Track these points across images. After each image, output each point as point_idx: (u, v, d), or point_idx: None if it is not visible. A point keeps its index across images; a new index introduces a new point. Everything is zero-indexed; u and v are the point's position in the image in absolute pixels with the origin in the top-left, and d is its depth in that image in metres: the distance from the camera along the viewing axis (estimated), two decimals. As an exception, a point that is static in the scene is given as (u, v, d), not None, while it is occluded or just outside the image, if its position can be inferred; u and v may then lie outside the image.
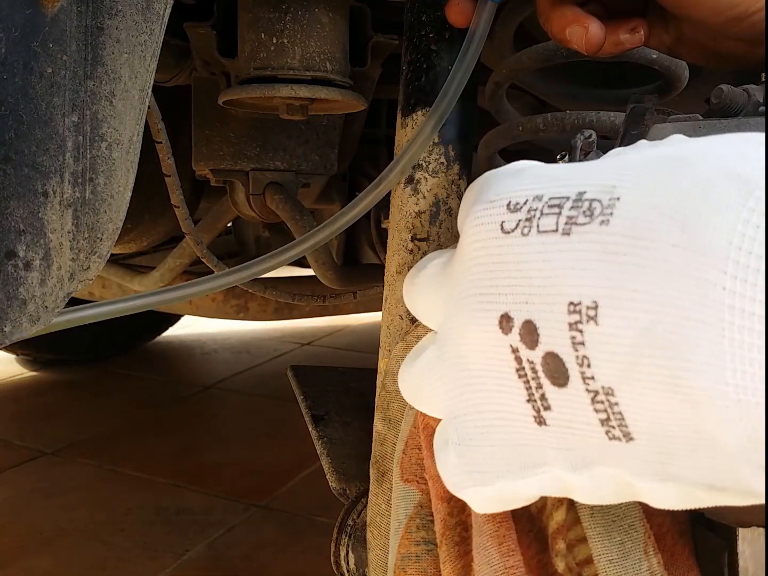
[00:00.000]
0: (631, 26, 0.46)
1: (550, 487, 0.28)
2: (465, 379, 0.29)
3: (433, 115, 0.46)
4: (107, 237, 0.40)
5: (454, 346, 0.29)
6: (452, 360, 0.29)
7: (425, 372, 0.32)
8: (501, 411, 0.28)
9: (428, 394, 0.32)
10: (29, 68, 0.35)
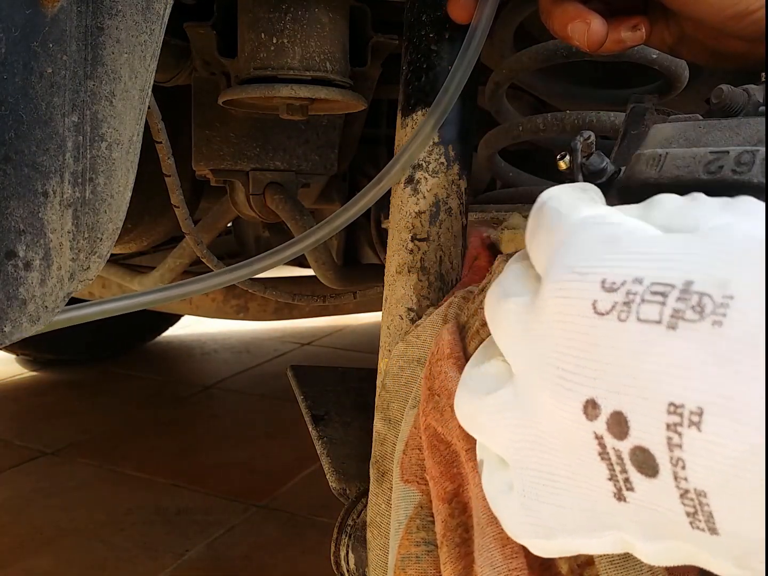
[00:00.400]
0: (633, 23, 0.45)
1: (616, 547, 0.28)
2: (540, 439, 0.28)
3: (434, 112, 0.46)
4: (107, 237, 0.40)
5: (532, 406, 0.28)
6: (528, 417, 0.28)
7: (495, 413, 0.30)
8: (576, 480, 0.27)
9: (493, 434, 0.31)
10: (29, 68, 0.35)
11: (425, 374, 0.42)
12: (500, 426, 0.30)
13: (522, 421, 0.29)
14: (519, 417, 0.29)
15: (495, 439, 0.31)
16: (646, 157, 0.37)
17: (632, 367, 0.24)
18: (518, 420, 0.29)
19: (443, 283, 0.50)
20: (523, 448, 0.29)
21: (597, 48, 0.45)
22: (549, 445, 0.28)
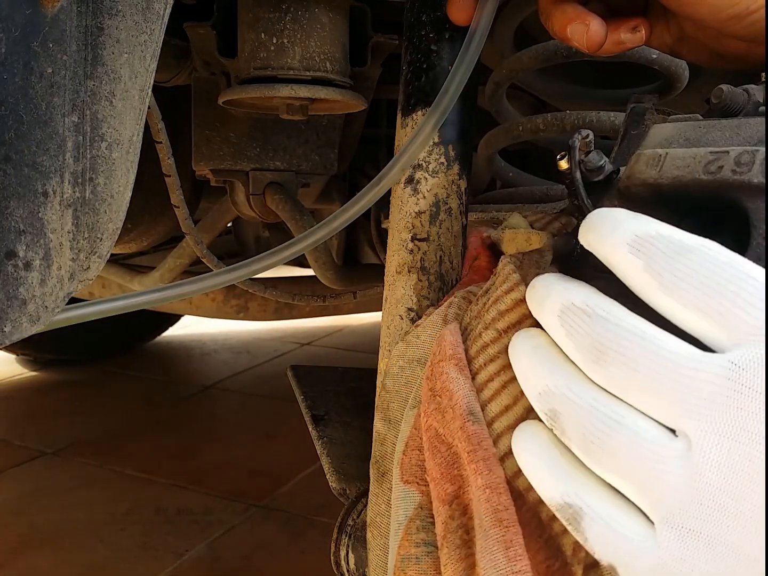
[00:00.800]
0: (633, 25, 0.45)
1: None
2: (719, 504, 0.28)
3: (434, 112, 0.46)
4: (107, 237, 0.40)
5: (720, 473, 0.28)
6: (710, 480, 0.28)
7: (655, 461, 0.29)
8: (742, 552, 0.27)
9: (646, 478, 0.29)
10: (29, 68, 0.35)
11: (426, 375, 0.42)
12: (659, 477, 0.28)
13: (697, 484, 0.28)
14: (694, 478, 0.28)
15: (645, 486, 0.29)
16: (646, 157, 0.37)
17: None
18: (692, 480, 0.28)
19: (443, 283, 0.50)
20: (689, 508, 0.28)
21: (596, 49, 0.45)
22: (726, 514, 0.27)
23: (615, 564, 0.30)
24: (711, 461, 0.27)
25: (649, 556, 0.28)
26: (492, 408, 0.39)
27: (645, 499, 0.29)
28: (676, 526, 0.28)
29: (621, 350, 0.29)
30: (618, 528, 0.29)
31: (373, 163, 1.18)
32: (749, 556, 0.27)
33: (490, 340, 0.41)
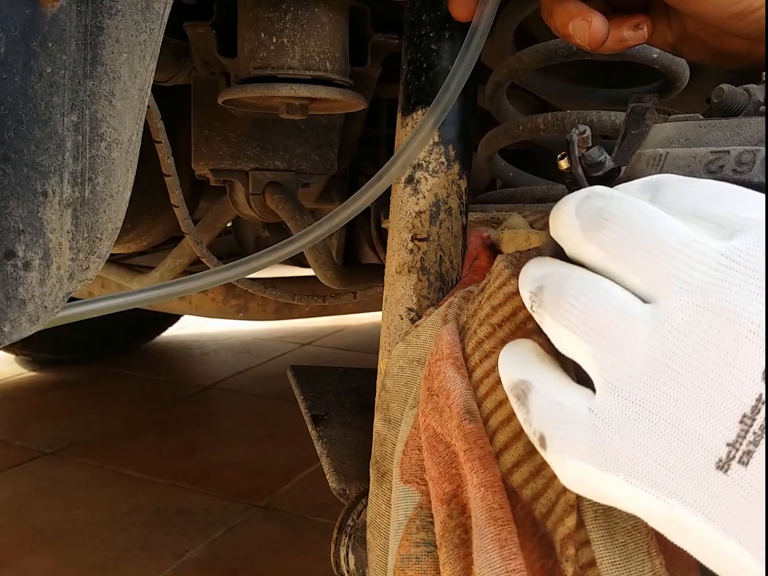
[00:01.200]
0: (635, 22, 0.45)
1: (662, 519, 0.27)
2: (674, 375, 0.27)
3: (434, 111, 0.46)
4: (107, 237, 0.40)
5: (682, 341, 0.27)
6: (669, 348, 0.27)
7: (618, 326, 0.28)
8: (686, 430, 0.26)
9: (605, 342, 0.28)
10: (29, 68, 0.35)
11: (425, 374, 0.42)
12: (618, 342, 0.28)
13: (655, 352, 0.27)
14: (653, 345, 0.27)
15: (602, 349, 0.28)
16: (647, 156, 0.37)
17: None
18: (650, 347, 0.27)
19: (443, 283, 0.50)
20: (640, 377, 0.27)
21: (598, 46, 0.44)
22: (678, 387, 0.26)
23: (545, 432, 0.29)
24: (679, 329, 0.27)
25: (583, 424, 0.28)
26: (487, 404, 0.39)
27: (598, 361, 0.28)
28: (622, 393, 0.27)
29: (620, 220, 0.29)
30: (558, 397, 0.30)
31: (373, 163, 1.18)
32: (692, 435, 0.26)
33: (485, 336, 0.41)
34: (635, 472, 0.27)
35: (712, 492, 0.25)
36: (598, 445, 0.28)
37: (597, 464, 0.28)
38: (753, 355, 0.25)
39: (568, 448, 0.29)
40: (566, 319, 0.30)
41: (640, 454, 0.27)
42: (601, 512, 0.35)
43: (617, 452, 0.27)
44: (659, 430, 0.26)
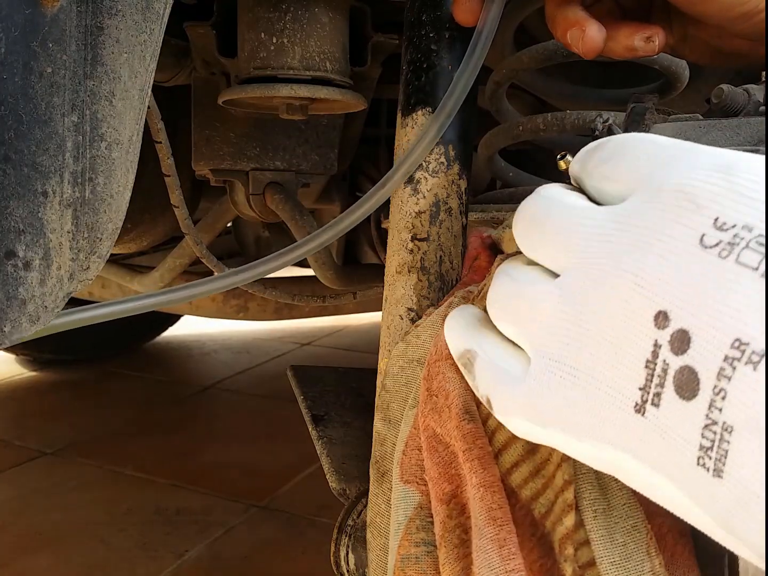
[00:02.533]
0: (647, 34, 0.45)
1: (598, 461, 0.29)
2: (579, 334, 0.29)
3: (439, 116, 0.46)
4: (107, 237, 0.40)
5: (582, 303, 0.29)
6: (574, 311, 0.29)
7: (535, 300, 0.31)
8: (602, 380, 0.28)
9: (525, 319, 0.32)
10: (29, 68, 0.35)
11: (424, 375, 0.42)
12: (535, 314, 0.31)
13: (564, 314, 0.30)
14: (562, 309, 0.30)
15: (524, 324, 0.32)
16: (647, 156, 0.37)
17: (715, 297, 0.25)
18: (560, 312, 0.30)
19: (443, 283, 0.50)
20: (556, 338, 0.30)
21: (593, 55, 0.45)
22: (588, 342, 0.28)
23: (489, 395, 0.33)
24: (581, 292, 0.29)
25: (520, 385, 0.31)
26: None
27: (524, 335, 0.32)
28: (546, 355, 0.30)
29: (527, 215, 0.34)
30: (499, 363, 0.33)
31: (373, 163, 1.18)
32: (609, 383, 0.27)
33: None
34: (568, 424, 0.29)
35: (635, 434, 0.27)
36: (533, 403, 0.31)
37: (534, 421, 0.31)
38: (642, 304, 0.27)
39: (510, 407, 0.32)
40: (497, 316, 0.34)
41: (569, 408, 0.29)
42: (600, 512, 0.35)
43: (549, 408, 0.30)
44: (581, 384, 0.29)
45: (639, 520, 0.35)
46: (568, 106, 0.75)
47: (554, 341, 0.30)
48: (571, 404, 0.29)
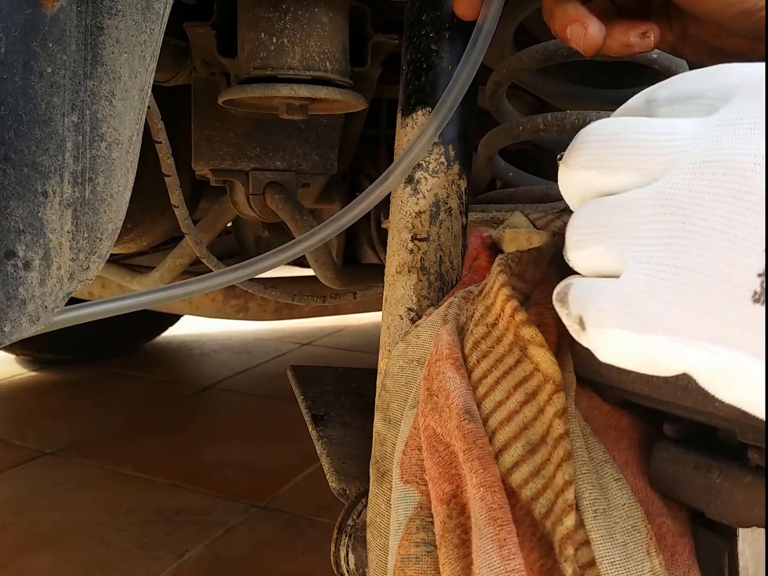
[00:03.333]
0: (643, 30, 0.45)
1: (707, 367, 0.27)
2: (689, 228, 0.27)
3: (440, 111, 0.46)
4: (107, 237, 0.40)
5: (687, 199, 0.27)
6: (678, 209, 0.28)
7: (626, 209, 0.30)
8: (713, 274, 0.26)
9: (618, 228, 0.30)
10: (29, 68, 0.35)
11: (424, 375, 0.42)
12: (629, 222, 0.29)
13: (665, 216, 0.28)
14: (662, 212, 0.28)
15: (616, 235, 0.30)
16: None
17: None
18: (660, 214, 0.28)
19: (443, 283, 0.50)
20: (656, 240, 0.28)
21: (593, 52, 0.45)
22: (696, 238, 0.27)
23: (582, 312, 0.31)
24: (684, 187, 0.28)
25: (614, 294, 0.29)
26: (486, 405, 0.39)
27: (616, 249, 0.30)
28: (644, 261, 0.28)
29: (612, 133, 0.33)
30: (590, 284, 0.31)
31: (373, 163, 1.18)
32: (721, 276, 0.26)
33: (481, 336, 0.41)
34: (672, 327, 0.27)
35: (754, 327, 0.25)
36: (632, 309, 0.28)
37: (634, 328, 0.28)
38: (760, 181, 0.25)
39: (604, 318, 0.29)
40: (583, 235, 0.32)
41: (674, 309, 0.27)
42: (600, 512, 0.35)
43: (651, 312, 0.28)
44: (687, 282, 0.27)
45: (639, 520, 0.35)
46: (568, 106, 0.75)
47: (654, 244, 0.28)
48: (676, 306, 0.27)
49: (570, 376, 0.39)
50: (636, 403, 0.38)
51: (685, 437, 0.37)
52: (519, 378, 0.39)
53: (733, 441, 0.33)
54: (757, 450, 0.32)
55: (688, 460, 0.35)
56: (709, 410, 0.33)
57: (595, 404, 0.40)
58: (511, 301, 0.39)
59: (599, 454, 0.37)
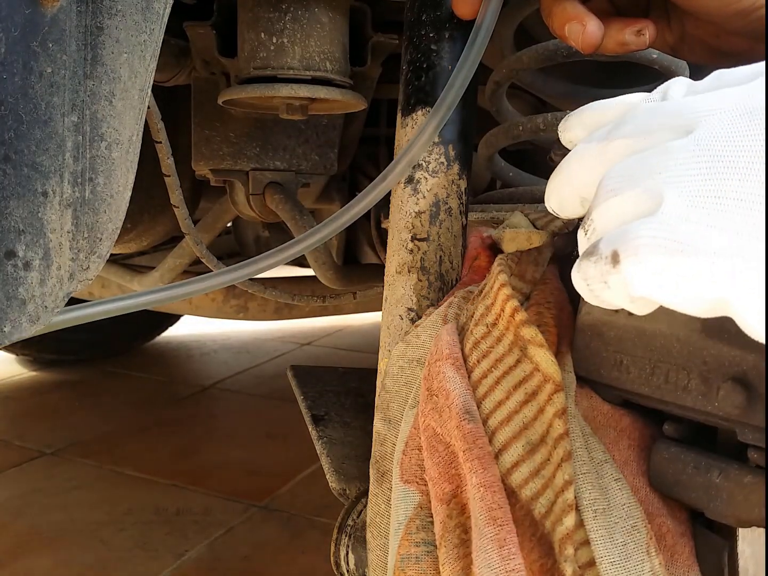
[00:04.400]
0: (638, 28, 0.45)
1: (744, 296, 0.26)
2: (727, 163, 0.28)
3: (439, 109, 0.46)
4: (107, 237, 0.40)
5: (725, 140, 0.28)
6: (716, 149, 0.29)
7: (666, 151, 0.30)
8: (755, 200, 0.27)
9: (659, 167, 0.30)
10: (29, 68, 0.35)
11: (424, 375, 0.42)
12: (669, 161, 0.29)
13: (703, 154, 0.28)
14: (699, 153, 0.29)
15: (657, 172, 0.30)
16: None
17: None
18: (698, 155, 0.29)
19: (443, 283, 0.50)
20: (695, 173, 0.28)
21: (592, 50, 0.45)
22: (735, 168, 0.27)
23: (616, 247, 0.29)
24: (716, 131, 0.29)
25: (651, 222, 0.28)
26: (486, 405, 0.39)
27: (656, 182, 0.29)
28: (683, 192, 0.28)
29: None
30: (624, 227, 0.29)
31: (373, 163, 1.18)
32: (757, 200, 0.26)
33: (481, 337, 0.41)
34: (716, 249, 0.27)
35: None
36: (673, 235, 0.27)
37: (675, 252, 0.27)
38: None
39: (643, 245, 0.28)
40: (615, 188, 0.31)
41: (716, 233, 0.27)
42: (600, 512, 0.35)
43: (693, 236, 0.27)
44: (729, 208, 0.27)
45: (639, 520, 0.35)
46: (568, 106, 0.75)
47: (694, 179, 0.28)
48: (719, 228, 0.27)
49: (570, 376, 0.39)
50: (636, 403, 0.38)
51: (685, 437, 0.36)
52: (519, 378, 0.39)
53: (733, 441, 0.33)
54: (757, 450, 0.32)
55: (688, 460, 0.35)
56: (709, 410, 0.33)
57: (595, 404, 0.40)
58: (511, 301, 0.39)
59: (599, 454, 0.37)
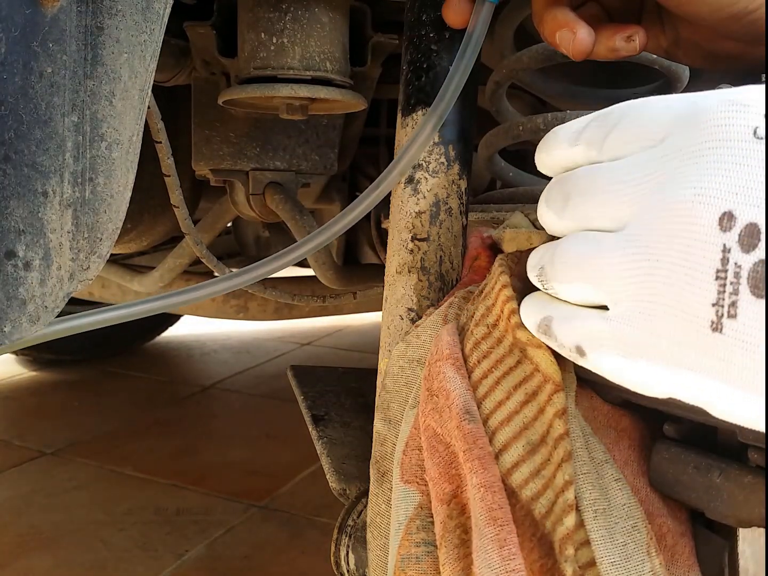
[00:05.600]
0: (628, 33, 0.45)
1: (693, 392, 0.28)
2: (651, 270, 0.29)
3: (432, 116, 0.46)
4: (107, 237, 0.40)
5: (648, 237, 0.29)
6: (642, 250, 0.29)
7: (603, 252, 0.31)
8: (677, 306, 0.28)
9: (602, 272, 0.32)
10: (29, 68, 0.35)
11: (424, 375, 0.42)
12: (607, 263, 0.31)
13: (634, 255, 0.30)
14: (631, 252, 0.30)
15: (598, 276, 0.32)
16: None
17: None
18: (630, 254, 0.30)
19: (443, 283, 0.50)
20: (630, 278, 0.30)
21: (582, 57, 0.45)
22: (659, 272, 0.29)
23: (579, 343, 0.33)
24: (641, 228, 0.30)
25: (604, 326, 0.31)
26: (486, 405, 0.39)
27: (599, 287, 0.32)
28: (621, 296, 0.31)
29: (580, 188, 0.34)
30: (577, 317, 0.33)
31: (373, 163, 1.18)
32: (682, 308, 0.27)
33: (482, 337, 0.41)
34: (652, 353, 0.29)
35: (716, 354, 0.26)
36: (619, 338, 0.30)
37: (623, 354, 0.30)
38: (703, 212, 0.27)
39: (599, 346, 0.32)
40: (565, 278, 0.34)
41: (651, 338, 0.29)
42: (600, 512, 0.35)
43: (634, 340, 0.30)
44: (658, 314, 0.29)
45: (639, 520, 0.35)
46: (568, 106, 0.75)
47: (629, 281, 0.30)
48: (652, 335, 0.29)
49: (570, 376, 0.39)
50: (636, 403, 0.38)
51: (685, 437, 0.37)
52: (519, 378, 0.39)
53: (733, 441, 0.33)
54: (757, 450, 0.32)
55: (688, 460, 0.35)
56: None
57: (595, 404, 0.40)
58: (510, 303, 0.39)
59: (599, 454, 0.37)
